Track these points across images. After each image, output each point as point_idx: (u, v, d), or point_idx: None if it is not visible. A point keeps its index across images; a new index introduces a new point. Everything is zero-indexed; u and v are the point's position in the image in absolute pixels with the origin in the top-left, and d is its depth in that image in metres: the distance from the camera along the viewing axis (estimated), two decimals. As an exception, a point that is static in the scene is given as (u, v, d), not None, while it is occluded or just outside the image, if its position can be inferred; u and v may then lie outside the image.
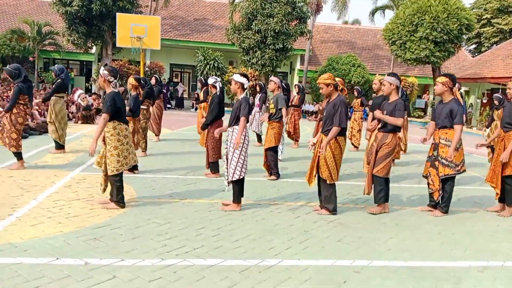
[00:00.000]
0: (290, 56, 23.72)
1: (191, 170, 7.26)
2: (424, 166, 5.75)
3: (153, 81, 9.49)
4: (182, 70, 31.67)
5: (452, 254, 4.22)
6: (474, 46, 35.58)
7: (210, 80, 6.94)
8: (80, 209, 4.81)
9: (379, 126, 5.50)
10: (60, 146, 7.89)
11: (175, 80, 32.41)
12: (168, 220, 4.61)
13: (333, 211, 5.25)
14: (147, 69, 23.73)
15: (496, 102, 9.09)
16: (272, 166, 7.05)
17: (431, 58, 20.17)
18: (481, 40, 33.72)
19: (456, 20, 19.52)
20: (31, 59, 23.12)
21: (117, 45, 17.87)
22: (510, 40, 27.94)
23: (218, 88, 6.84)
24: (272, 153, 7.02)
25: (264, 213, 5.13)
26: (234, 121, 5.10)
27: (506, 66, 23.11)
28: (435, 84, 5.63)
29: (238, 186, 5.08)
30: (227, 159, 5.08)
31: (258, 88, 10.57)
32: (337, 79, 7.22)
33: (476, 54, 33.38)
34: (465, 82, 25.75)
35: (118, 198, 4.88)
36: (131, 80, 6.89)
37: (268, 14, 21.14)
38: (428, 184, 5.57)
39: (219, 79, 7.00)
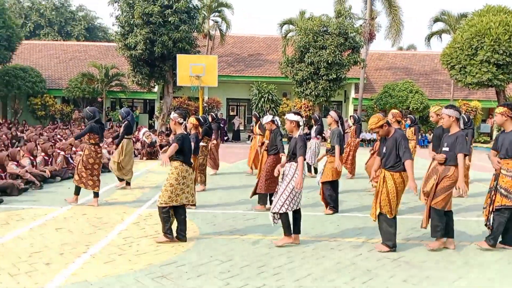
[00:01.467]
0: (344, 85, 23.69)
1: (250, 205, 7.38)
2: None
3: (209, 118, 9.92)
4: (238, 104, 32.57)
5: (530, 297, 3.94)
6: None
7: (267, 118, 7.16)
8: (148, 246, 5.06)
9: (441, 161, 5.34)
10: (126, 181, 8.46)
11: (231, 113, 33.42)
12: (230, 257, 4.72)
13: (393, 248, 5.11)
14: (205, 104, 24.71)
15: None
16: (329, 200, 7.01)
17: (494, 81, 19.24)
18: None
19: (520, 40, 18.62)
20: (99, 99, 24.96)
21: (178, 84, 18.85)
22: None
23: (277, 123, 7.11)
24: (328, 187, 7.00)
25: (325, 250, 5.10)
26: (292, 158, 5.20)
27: None
28: (495, 115, 5.45)
29: (284, 219, 5.12)
30: (277, 192, 5.17)
31: (313, 121, 10.66)
32: (393, 111, 7.18)
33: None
34: (535, 104, 24.17)
35: (166, 230, 5.12)
36: (192, 120, 7.27)
37: (321, 46, 21.40)
38: None
39: (276, 117, 7.24)
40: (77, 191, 7.08)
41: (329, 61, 21.23)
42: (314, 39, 21.65)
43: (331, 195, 7.03)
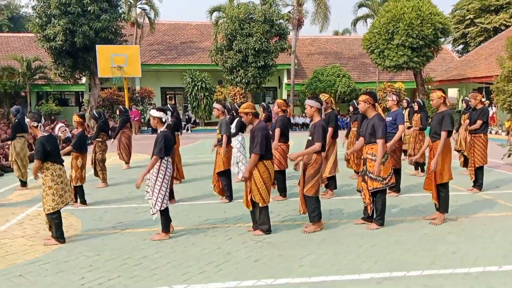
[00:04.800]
0: (273, 72, 24.15)
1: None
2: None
3: (117, 112, 9.89)
4: (175, 93, 32.23)
5: (360, 267, 4.43)
6: (461, 46, 35.80)
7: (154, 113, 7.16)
8: (20, 246, 5.12)
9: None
10: (24, 183, 8.29)
11: (170, 102, 33.04)
12: (99, 252, 4.89)
13: (268, 231, 5.49)
14: (137, 95, 24.33)
15: (416, 107, 9.24)
16: (225, 189, 7.30)
17: (410, 64, 20.43)
18: (467, 40, 33.94)
19: (430, 25, 19.81)
20: (23, 94, 23.86)
21: (99, 76, 18.47)
22: (493, 39, 28.15)
23: (169, 118, 7.19)
24: (223, 177, 7.29)
25: (198, 238, 5.39)
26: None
27: (489, 65, 23.32)
28: (357, 103, 5.95)
29: (164, 216, 5.34)
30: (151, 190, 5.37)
31: (234, 113, 10.26)
32: (278, 101, 7.55)
33: (464, 54, 33.59)
34: (450, 83, 25.98)
35: (58, 235, 5.18)
36: (75, 118, 7.27)
37: (247, 33, 21.64)
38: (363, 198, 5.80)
39: (169, 112, 7.25)
40: None
41: (256, 48, 21.56)
42: (241, 26, 21.86)
43: (226, 185, 7.33)
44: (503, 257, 4.67)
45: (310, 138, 5.61)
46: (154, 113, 5.35)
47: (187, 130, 24.79)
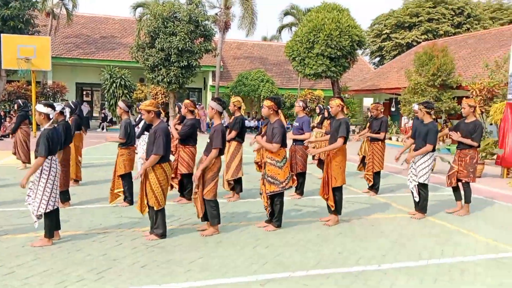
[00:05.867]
0: (197, 73, 23.90)
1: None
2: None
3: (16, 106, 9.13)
4: (91, 89, 30.67)
5: (248, 269, 4.45)
6: (378, 59, 38.22)
7: (57, 108, 6.79)
8: None
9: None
10: None
11: (86, 99, 31.38)
12: (-34, 260, 4.43)
13: (162, 236, 5.33)
14: (48, 89, 22.78)
15: (326, 114, 9.92)
16: (126, 193, 7.00)
17: (328, 73, 21.32)
18: (383, 53, 36.32)
19: (348, 37, 20.83)
20: None
21: (3, 67, 16.98)
22: (405, 53, 30.39)
23: (67, 115, 6.76)
24: (125, 179, 6.99)
25: (84, 243, 5.08)
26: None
27: (399, 78, 25.06)
28: (262, 107, 6.02)
29: (49, 219, 4.97)
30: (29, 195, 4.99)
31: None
32: (186, 102, 7.41)
33: (380, 66, 35.90)
34: (365, 93, 27.58)
35: None
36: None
37: (171, 32, 21.19)
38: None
39: (67, 108, 6.86)
40: None
41: (180, 48, 21.16)
42: (164, 24, 21.35)
43: (128, 188, 7.04)
44: (383, 257, 4.96)
45: (208, 141, 5.54)
46: (40, 108, 4.94)
47: (103, 128, 23.71)
